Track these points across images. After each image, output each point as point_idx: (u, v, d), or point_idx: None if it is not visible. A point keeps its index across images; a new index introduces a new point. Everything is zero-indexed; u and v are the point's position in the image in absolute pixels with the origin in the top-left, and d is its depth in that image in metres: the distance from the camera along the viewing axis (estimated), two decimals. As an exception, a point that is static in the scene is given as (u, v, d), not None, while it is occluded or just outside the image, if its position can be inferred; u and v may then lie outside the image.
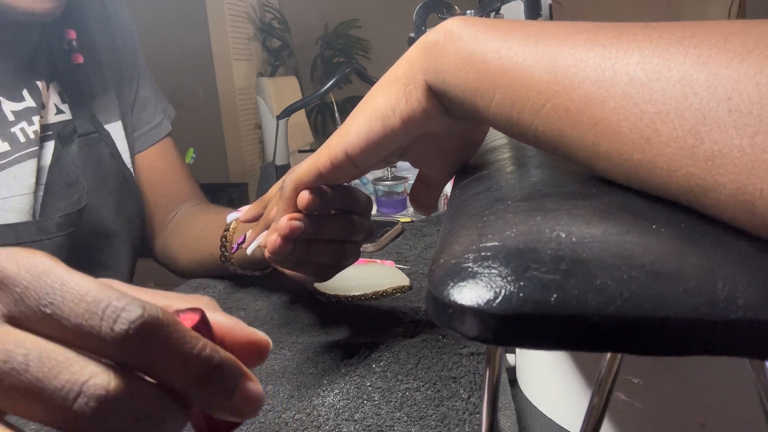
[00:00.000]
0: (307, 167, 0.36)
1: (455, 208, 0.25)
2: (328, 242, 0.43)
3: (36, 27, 0.61)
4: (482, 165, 0.31)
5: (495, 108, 0.24)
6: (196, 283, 0.70)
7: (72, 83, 0.64)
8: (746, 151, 0.17)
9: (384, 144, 0.31)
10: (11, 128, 0.57)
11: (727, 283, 0.15)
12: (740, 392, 0.30)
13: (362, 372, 0.46)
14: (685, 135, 0.18)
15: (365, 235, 0.46)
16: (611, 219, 0.19)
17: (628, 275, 0.16)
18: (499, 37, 0.24)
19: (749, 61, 0.17)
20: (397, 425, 0.39)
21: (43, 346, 0.18)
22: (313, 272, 0.45)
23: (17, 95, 0.58)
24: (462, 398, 0.41)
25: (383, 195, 0.99)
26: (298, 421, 0.40)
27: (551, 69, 0.22)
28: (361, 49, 3.59)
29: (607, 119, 0.20)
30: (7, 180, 0.56)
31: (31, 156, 0.58)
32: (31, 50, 0.60)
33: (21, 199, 0.57)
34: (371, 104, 0.31)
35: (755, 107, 0.17)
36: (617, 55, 0.20)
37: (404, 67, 0.30)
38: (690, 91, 0.18)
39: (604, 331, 0.16)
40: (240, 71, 3.21)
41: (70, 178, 0.61)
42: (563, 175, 0.24)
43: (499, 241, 0.18)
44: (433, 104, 0.29)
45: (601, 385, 0.24)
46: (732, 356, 0.15)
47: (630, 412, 0.32)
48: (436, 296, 0.18)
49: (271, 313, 0.59)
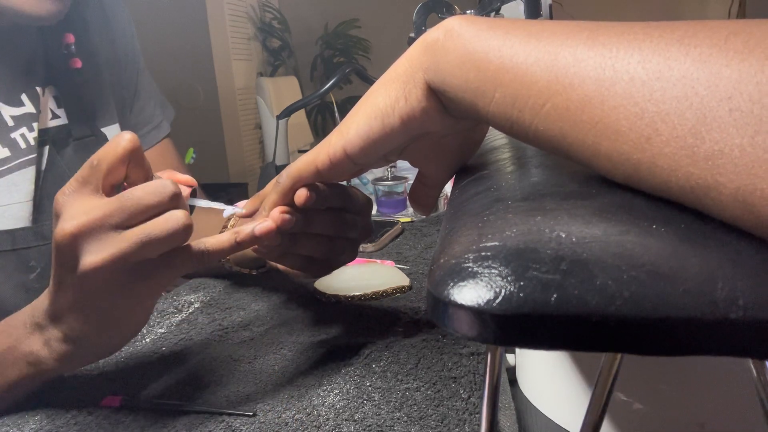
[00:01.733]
0: (306, 164, 0.36)
1: (455, 208, 0.25)
2: (316, 236, 0.43)
3: (35, 30, 0.61)
4: (482, 165, 0.31)
5: (495, 107, 0.24)
6: (196, 283, 0.70)
7: (69, 87, 0.64)
8: (747, 151, 0.17)
9: (383, 143, 0.31)
10: (11, 134, 0.57)
11: (727, 283, 0.15)
12: (740, 392, 0.30)
13: (362, 372, 0.46)
14: (685, 134, 0.18)
15: (362, 234, 0.46)
16: (611, 219, 0.19)
17: (628, 275, 0.16)
18: (500, 35, 0.24)
19: (750, 61, 0.17)
20: (397, 425, 0.39)
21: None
22: (300, 265, 0.45)
23: (16, 100, 0.58)
24: (462, 398, 0.41)
25: (383, 195, 0.99)
26: (298, 421, 0.40)
27: (552, 68, 0.22)
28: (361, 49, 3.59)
29: (608, 118, 0.20)
30: (7, 187, 0.56)
31: (31, 163, 0.58)
32: (30, 54, 0.60)
33: (21, 207, 0.57)
34: (371, 102, 0.31)
35: (756, 107, 0.17)
36: (618, 54, 0.20)
37: (404, 65, 0.30)
38: (690, 91, 0.18)
39: (604, 331, 0.15)
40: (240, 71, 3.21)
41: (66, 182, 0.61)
42: (563, 175, 0.24)
43: (499, 241, 0.18)
44: (432, 103, 0.29)
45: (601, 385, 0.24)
46: (732, 356, 0.15)
47: (630, 412, 0.32)
48: (436, 296, 0.18)
49: (271, 313, 0.59)
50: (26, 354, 0.40)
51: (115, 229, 0.35)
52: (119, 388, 0.45)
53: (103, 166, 0.36)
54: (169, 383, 0.46)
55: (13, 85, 0.58)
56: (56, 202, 0.37)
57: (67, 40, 0.63)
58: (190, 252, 0.37)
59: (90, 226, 0.34)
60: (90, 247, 0.34)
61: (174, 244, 0.36)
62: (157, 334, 0.56)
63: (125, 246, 0.34)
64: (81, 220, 0.34)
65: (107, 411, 0.42)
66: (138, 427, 0.40)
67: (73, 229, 0.34)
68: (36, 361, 0.40)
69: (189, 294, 0.66)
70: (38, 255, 0.58)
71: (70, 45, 0.63)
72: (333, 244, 0.44)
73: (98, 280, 0.35)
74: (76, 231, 0.34)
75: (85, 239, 0.34)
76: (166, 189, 0.36)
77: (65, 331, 0.38)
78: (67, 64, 0.63)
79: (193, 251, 0.37)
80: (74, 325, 0.38)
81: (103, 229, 0.34)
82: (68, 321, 0.38)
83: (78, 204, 0.36)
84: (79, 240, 0.34)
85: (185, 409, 0.42)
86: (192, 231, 0.36)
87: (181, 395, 0.44)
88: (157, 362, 0.50)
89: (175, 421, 0.41)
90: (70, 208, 0.36)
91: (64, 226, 0.35)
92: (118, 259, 0.34)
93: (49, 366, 0.40)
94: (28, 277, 0.57)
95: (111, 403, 0.43)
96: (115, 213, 0.35)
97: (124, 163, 0.37)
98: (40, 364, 0.40)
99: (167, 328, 0.57)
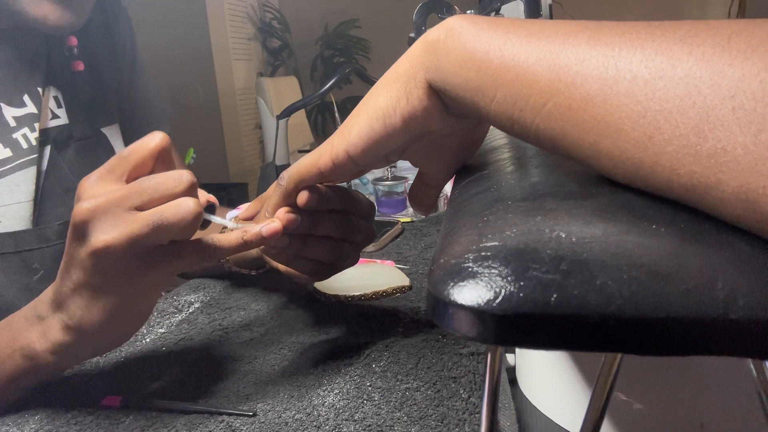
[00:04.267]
0: (308, 166, 0.36)
1: (455, 208, 0.25)
2: (325, 239, 0.43)
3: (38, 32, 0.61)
4: (482, 165, 0.31)
5: (496, 106, 0.24)
6: (196, 283, 0.70)
7: (70, 88, 0.64)
8: (750, 149, 0.17)
9: (385, 143, 0.31)
10: (13, 134, 0.57)
11: (727, 283, 0.15)
12: (740, 392, 0.30)
13: (362, 372, 0.46)
14: (688, 133, 0.18)
15: (365, 238, 0.46)
16: (611, 219, 0.19)
17: (628, 275, 0.16)
18: (501, 35, 0.24)
19: (753, 60, 0.17)
20: (397, 425, 0.39)
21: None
22: (309, 270, 0.45)
23: (18, 101, 0.58)
24: (462, 398, 0.41)
25: (383, 195, 0.99)
26: (298, 421, 0.40)
27: (553, 67, 0.22)
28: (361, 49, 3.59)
29: (610, 117, 0.20)
30: (9, 187, 0.56)
31: (32, 163, 0.58)
32: (32, 54, 0.60)
33: (22, 207, 0.57)
34: (372, 103, 0.31)
35: (759, 105, 0.17)
36: (620, 53, 0.20)
37: (405, 65, 0.30)
38: (693, 89, 0.18)
39: (604, 331, 0.15)
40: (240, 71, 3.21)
41: (68, 183, 0.61)
42: (563, 175, 0.24)
43: (499, 241, 0.18)
44: (434, 102, 0.29)
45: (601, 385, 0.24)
46: (732, 356, 0.15)
47: (630, 412, 0.32)
48: (436, 296, 0.18)
49: (271, 313, 0.59)
50: (22, 346, 0.40)
51: (130, 211, 0.36)
52: (119, 388, 0.45)
53: (132, 159, 0.38)
54: (169, 383, 0.46)
55: (15, 86, 0.58)
56: (80, 186, 0.38)
57: (70, 42, 0.63)
58: (198, 245, 0.38)
59: (107, 206, 0.36)
60: (104, 225, 0.36)
61: (184, 231, 0.36)
62: (157, 334, 0.56)
63: (137, 227, 0.35)
64: (100, 200, 0.36)
65: (107, 411, 0.42)
66: (138, 427, 0.40)
67: (91, 206, 0.36)
68: (32, 353, 0.40)
69: (189, 294, 0.66)
70: (41, 257, 0.58)
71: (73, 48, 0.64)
72: (340, 248, 0.45)
73: (108, 258, 0.36)
74: (93, 207, 0.36)
75: (101, 217, 0.36)
76: (184, 177, 0.37)
77: (65, 320, 0.39)
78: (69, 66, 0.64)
79: (201, 245, 0.38)
80: (75, 311, 0.38)
81: (120, 209, 0.36)
82: (71, 307, 0.38)
83: (99, 188, 0.37)
84: (94, 217, 0.36)
85: (185, 409, 0.42)
86: (201, 220, 0.37)
87: (181, 395, 0.44)
88: (157, 362, 0.50)
89: (175, 421, 0.41)
90: (91, 190, 0.37)
91: (83, 204, 0.36)
92: (130, 239, 0.35)
93: (44, 359, 0.40)
94: (31, 279, 0.57)
95: (111, 403, 0.43)
96: (133, 195, 0.36)
97: (153, 159, 0.39)
98: (36, 357, 0.40)
99: (167, 328, 0.57)
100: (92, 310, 0.38)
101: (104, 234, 0.35)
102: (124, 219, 0.36)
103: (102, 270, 0.36)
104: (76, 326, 0.38)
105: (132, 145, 0.39)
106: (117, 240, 0.35)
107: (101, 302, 0.38)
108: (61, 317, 0.39)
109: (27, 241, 0.56)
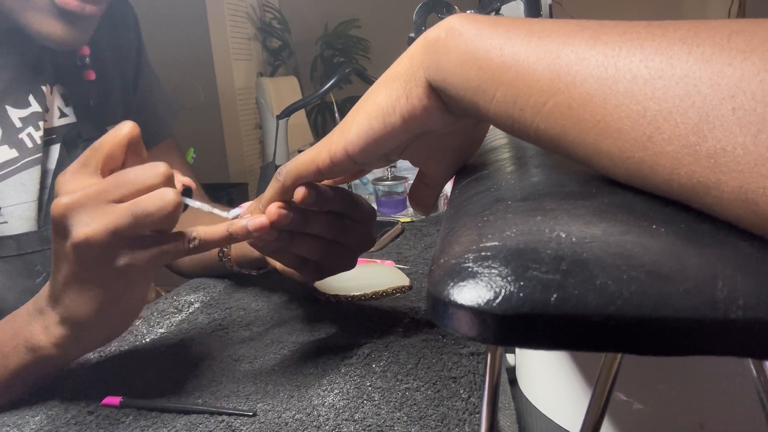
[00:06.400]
0: (306, 163, 0.36)
1: (455, 208, 0.25)
2: (314, 237, 0.43)
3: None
4: (482, 165, 0.31)
5: (496, 106, 0.24)
6: (196, 283, 0.70)
7: (78, 86, 0.64)
8: (749, 149, 0.17)
9: (384, 142, 0.31)
10: (19, 134, 0.57)
11: (727, 283, 0.15)
12: (740, 392, 0.30)
13: (362, 372, 0.46)
14: (687, 133, 0.18)
15: (362, 242, 0.46)
16: (611, 219, 0.19)
17: (628, 275, 0.16)
18: (501, 34, 0.24)
19: (753, 59, 0.17)
20: (397, 425, 0.39)
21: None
22: (294, 264, 0.45)
23: (23, 101, 0.58)
24: (462, 398, 0.41)
25: (383, 195, 0.99)
26: (298, 421, 0.40)
27: (553, 66, 0.22)
28: (361, 49, 3.59)
29: (609, 117, 0.20)
30: (15, 187, 0.56)
31: (37, 162, 0.58)
32: (37, 53, 0.60)
33: (28, 206, 0.57)
34: (372, 101, 0.31)
35: (759, 105, 0.17)
36: (620, 53, 0.20)
37: (405, 63, 0.30)
38: (693, 89, 0.18)
39: (604, 331, 0.15)
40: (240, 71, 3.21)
41: None
42: (563, 175, 0.24)
43: (499, 241, 0.18)
44: (433, 101, 0.29)
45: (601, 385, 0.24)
46: (732, 356, 0.15)
47: (630, 412, 0.32)
48: (436, 296, 0.18)
49: (271, 313, 0.59)
50: (26, 340, 0.41)
51: (108, 204, 0.36)
52: (119, 388, 0.45)
53: (104, 149, 0.39)
54: (169, 383, 0.46)
55: (20, 87, 0.58)
56: (57, 182, 0.39)
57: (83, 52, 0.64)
58: (182, 236, 0.39)
59: (85, 200, 0.36)
60: (84, 218, 0.36)
61: (164, 221, 0.37)
62: (157, 334, 0.56)
63: (116, 218, 0.36)
64: (77, 195, 0.36)
65: (107, 411, 0.42)
66: (138, 427, 0.40)
67: (69, 201, 0.36)
68: (35, 346, 0.41)
69: (189, 294, 0.66)
70: (43, 259, 0.58)
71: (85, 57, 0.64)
72: (329, 248, 0.44)
73: (90, 251, 0.36)
74: (71, 202, 0.36)
75: (79, 211, 0.36)
76: (160, 169, 0.38)
77: (62, 314, 0.39)
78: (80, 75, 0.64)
79: (185, 236, 0.39)
80: (70, 306, 0.39)
81: (98, 202, 0.36)
82: (64, 302, 0.39)
83: (76, 182, 0.38)
84: (73, 212, 0.36)
85: (185, 409, 0.42)
86: (181, 209, 0.38)
87: (181, 395, 0.44)
88: (157, 362, 0.50)
89: (175, 421, 0.41)
90: (68, 186, 0.38)
91: (61, 200, 0.37)
92: (110, 230, 0.36)
93: (47, 352, 0.41)
94: (33, 282, 0.57)
95: (111, 403, 0.43)
96: (110, 188, 0.37)
97: (123, 148, 0.40)
98: (39, 350, 0.41)
99: (167, 328, 0.57)
100: (82, 302, 0.38)
101: (84, 227, 0.36)
102: (103, 211, 0.36)
103: (85, 263, 0.37)
104: (71, 319, 0.39)
105: (103, 136, 0.40)
106: (96, 232, 0.36)
107: (89, 294, 0.38)
108: (58, 311, 0.39)
109: (29, 244, 0.57)
